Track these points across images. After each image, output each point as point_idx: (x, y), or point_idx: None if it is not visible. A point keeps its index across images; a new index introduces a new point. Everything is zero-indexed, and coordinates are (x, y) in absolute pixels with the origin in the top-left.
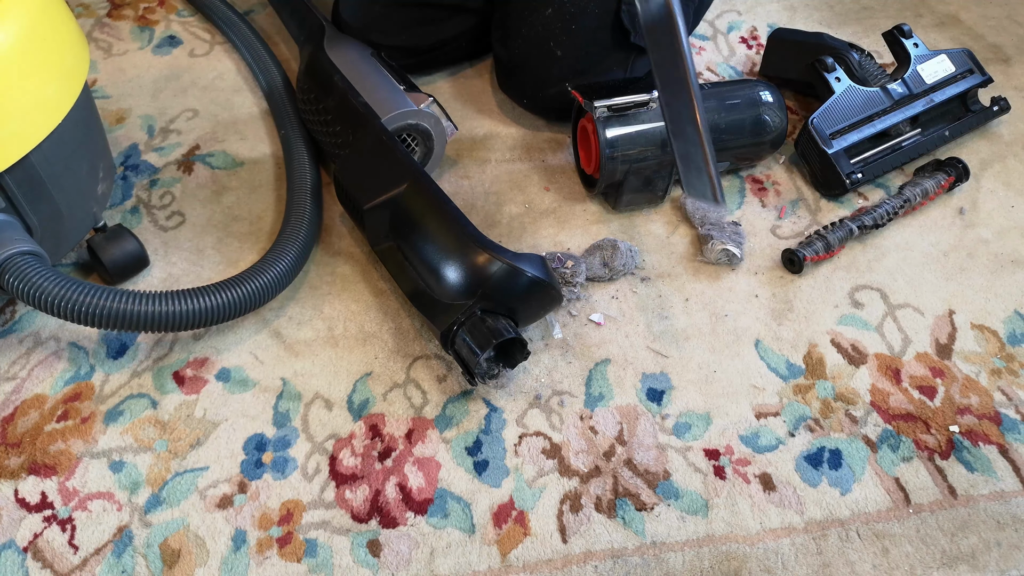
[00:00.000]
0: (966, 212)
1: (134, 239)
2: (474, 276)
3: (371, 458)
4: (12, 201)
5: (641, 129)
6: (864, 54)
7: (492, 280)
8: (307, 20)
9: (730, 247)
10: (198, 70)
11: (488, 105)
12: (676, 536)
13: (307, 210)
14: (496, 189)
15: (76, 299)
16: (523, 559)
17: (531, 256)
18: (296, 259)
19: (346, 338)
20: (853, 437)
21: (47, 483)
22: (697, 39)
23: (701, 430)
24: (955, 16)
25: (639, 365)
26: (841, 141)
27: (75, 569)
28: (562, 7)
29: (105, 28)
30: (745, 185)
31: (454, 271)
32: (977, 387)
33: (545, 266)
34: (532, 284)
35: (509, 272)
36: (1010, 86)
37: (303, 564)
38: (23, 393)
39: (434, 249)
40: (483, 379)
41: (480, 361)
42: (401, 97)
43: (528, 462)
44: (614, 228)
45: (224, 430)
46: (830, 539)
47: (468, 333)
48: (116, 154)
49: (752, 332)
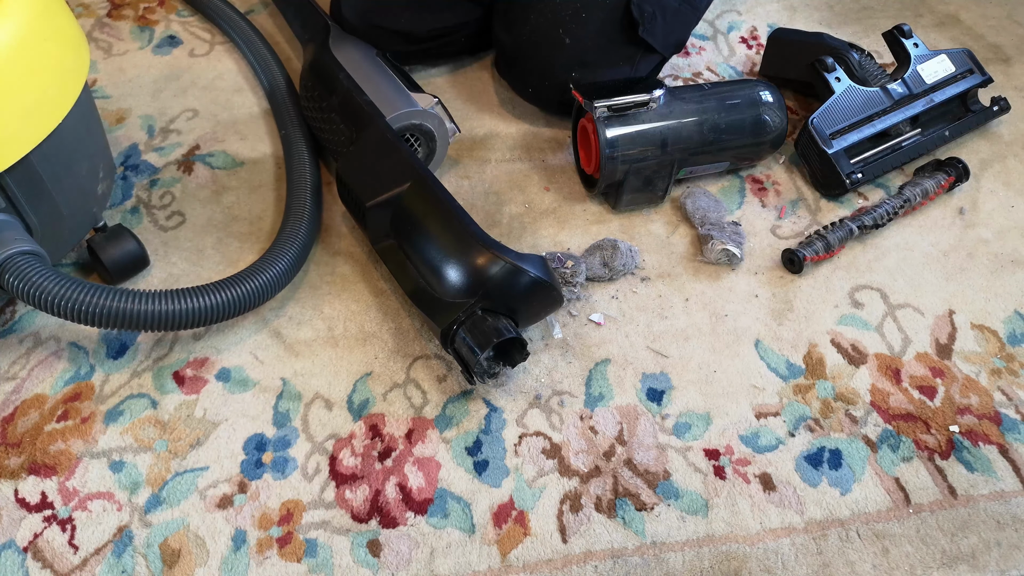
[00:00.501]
0: (966, 212)
1: (134, 239)
2: (475, 275)
3: (371, 458)
4: (12, 201)
5: (641, 129)
6: (864, 54)
7: (494, 279)
8: (311, 19)
9: (730, 247)
10: (198, 70)
11: (489, 103)
12: (676, 536)
13: (307, 209)
14: (496, 189)
15: (76, 298)
16: (523, 559)
17: (533, 256)
18: (296, 258)
19: (346, 338)
20: (853, 437)
21: (47, 483)
22: (697, 39)
23: (701, 430)
24: (955, 16)
25: (639, 365)
26: (841, 141)
27: (75, 569)
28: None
29: (105, 28)
30: (745, 185)
31: (455, 270)
32: (977, 387)
33: (546, 267)
34: (534, 284)
35: (511, 271)
36: (1010, 86)
37: (303, 564)
38: (23, 393)
39: (436, 247)
40: (482, 379)
41: (480, 360)
42: (406, 97)
43: (528, 462)
44: (614, 228)
45: (224, 430)
46: (830, 539)
47: (468, 332)
48: (116, 154)
49: (752, 332)
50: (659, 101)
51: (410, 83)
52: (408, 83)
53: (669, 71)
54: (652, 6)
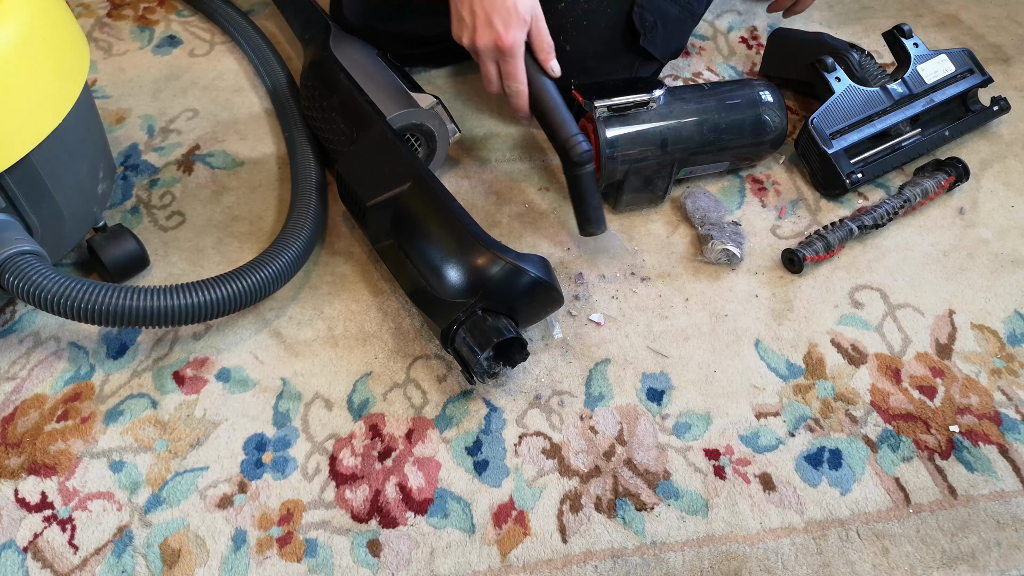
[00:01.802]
0: (966, 212)
1: (134, 239)
2: (476, 275)
3: (371, 458)
4: (12, 201)
5: (641, 129)
6: (864, 54)
7: (494, 279)
8: (312, 18)
9: (730, 247)
10: (198, 70)
11: (488, 105)
12: (676, 536)
13: (312, 204)
14: (496, 189)
15: (77, 296)
16: (523, 559)
17: (533, 256)
18: (300, 252)
19: (346, 338)
20: (853, 437)
21: (47, 483)
22: (697, 39)
23: (701, 430)
24: (955, 16)
25: (639, 365)
26: (841, 141)
27: (75, 569)
28: (575, 2)
29: (105, 28)
30: (745, 185)
31: (456, 269)
32: (977, 387)
33: (547, 267)
34: (534, 284)
35: (511, 271)
36: (1010, 86)
37: (303, 564)
38: (23, 393)
39: (436, 247)
40: (482, 379)
41: (480, 360)
42: (407, 97)
43: (528, 462)
44: (614, 228)
45: (224, 430)
46: (830, 539)
47: (468, 332)
48: (116, 154)
49: (752, 332)
50: (659, 101)
51: (411, 83)
52: (409, 83)
53: (669, 71)
54: (653, 15)
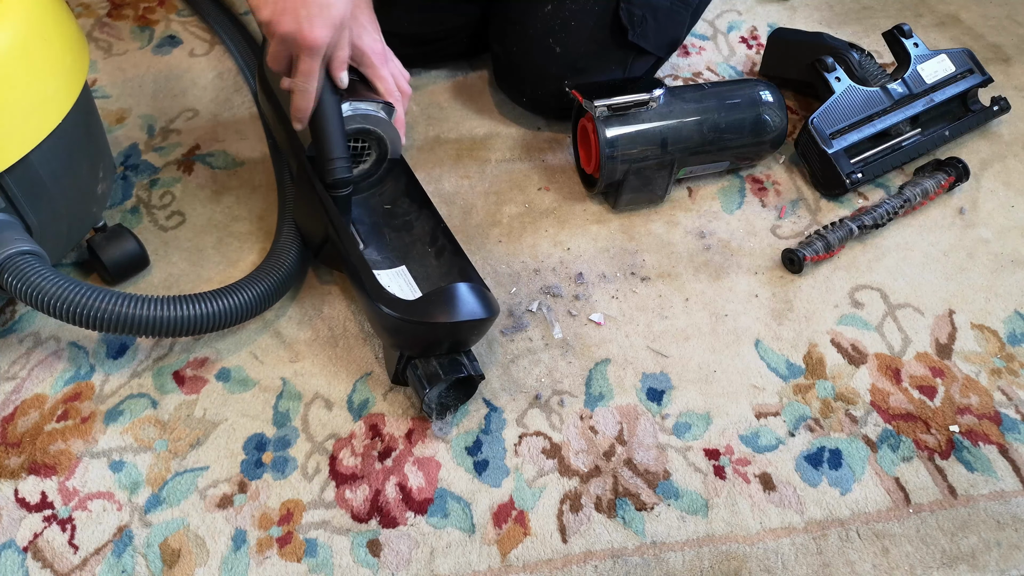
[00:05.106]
0: (966, 212)
1: (134, 239)
2: (388, 331)
3: (371, 458)
4: (12, 201)
5: (641, 129)
6: (864, 54)
7: (403, 334)
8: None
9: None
10: (198, 70)
11: (487, 105)
12: (676, 536)
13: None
14: (496, 189)
15: (74, 300)
16: (523, 559)
17: (443, 291)
18: (297, 261)
19: (346, 338)
20: (853, 437)
21: (47, 483)
22: (697, 39)
23: (701, 430)
24: (955, 16)
25: (639, 365)
26: (841, 141)
27: (75, 569)
28: (561, 4)
29: (105, 28)
30: (745, 185)
31: (374, 325)
32: (977, 387)
33: (459, 299)
34: (447, 328)
35: (416, 326)
36: (1010, 86)
37: (303, 564)
38: (23, 393)
39: (361, 301)
40: (442, 416)
41: (429, 405)
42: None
43: (528, 462)
44: (614, 228)
45: (224, 430)
46: (830, 539)
47: (410, 382)
48: (116, 154)
49: (752, 332)
50: (659, 101)
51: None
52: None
53: (669, 71)
54: (641, 9)
